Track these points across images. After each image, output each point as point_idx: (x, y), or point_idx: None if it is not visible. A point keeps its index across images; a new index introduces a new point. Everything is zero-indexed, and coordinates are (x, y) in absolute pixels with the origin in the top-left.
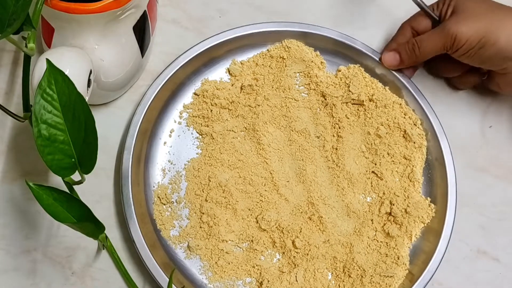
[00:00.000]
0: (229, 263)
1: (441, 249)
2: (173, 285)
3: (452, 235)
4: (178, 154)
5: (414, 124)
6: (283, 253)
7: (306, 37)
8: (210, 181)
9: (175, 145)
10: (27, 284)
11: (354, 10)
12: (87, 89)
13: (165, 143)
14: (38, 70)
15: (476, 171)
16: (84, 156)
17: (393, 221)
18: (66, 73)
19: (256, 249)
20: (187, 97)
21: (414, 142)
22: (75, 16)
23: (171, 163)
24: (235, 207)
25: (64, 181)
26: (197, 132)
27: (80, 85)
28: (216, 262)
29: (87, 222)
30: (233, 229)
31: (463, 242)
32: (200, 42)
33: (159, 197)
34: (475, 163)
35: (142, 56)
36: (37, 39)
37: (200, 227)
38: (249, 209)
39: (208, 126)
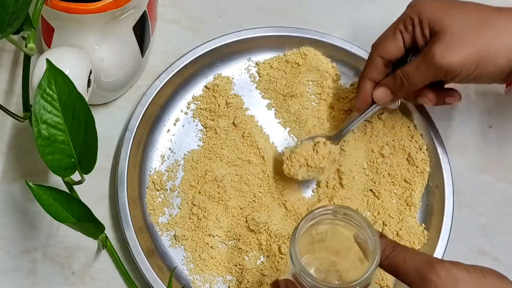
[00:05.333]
0: (212, 258)
1: (440, 250)
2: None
3: (452, 235)
4: (180, 143)
5: (420, 149)
6: (268, 256)
7: (324, 47)
8: (206, 174)
9: (178, 134)
10: (27, 284)
11: (354, 9)
12: (87, 89)
13: (168, 130)
14: (38, 70)
15: (476, 171)
16: (84, 156)
17: None
18: (66, 73)
19: (241, 248)
20: (197, 89)
21: (417, 167)
22: (75, 16)
23: (171, 151)
24: (227, 204)
25: (64, 181)
26: (202, 125)
27: (80, 85)
28: (199, 255)
29: (87, 222)
30: (222, 225)
31: (463, 242)
32: (219, 37)
33: (153, 183)
34: (475, 163)
35: (142, 56)
36: (37, 39)
37: (190, 218)
38: (240, 208)
39: (213, 120)
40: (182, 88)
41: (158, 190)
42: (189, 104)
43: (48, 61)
